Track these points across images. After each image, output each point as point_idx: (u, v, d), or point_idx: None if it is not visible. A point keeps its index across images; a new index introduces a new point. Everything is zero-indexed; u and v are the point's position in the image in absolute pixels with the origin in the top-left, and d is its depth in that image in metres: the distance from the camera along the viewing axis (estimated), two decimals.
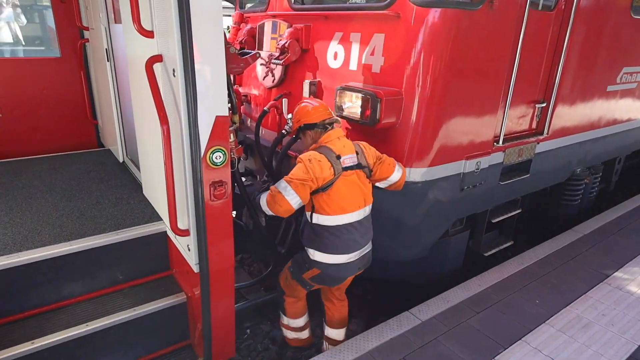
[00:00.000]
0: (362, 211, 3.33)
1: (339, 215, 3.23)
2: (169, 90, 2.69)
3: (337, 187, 3.20)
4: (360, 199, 3.31)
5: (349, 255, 3.31)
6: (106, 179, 4.32)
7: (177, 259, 3.35)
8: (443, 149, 3.65)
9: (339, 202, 3.22)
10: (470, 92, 3.67)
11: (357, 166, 3.31)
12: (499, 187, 4.35)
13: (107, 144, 5.30)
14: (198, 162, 2.54)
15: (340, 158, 3.24)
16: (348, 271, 3.38)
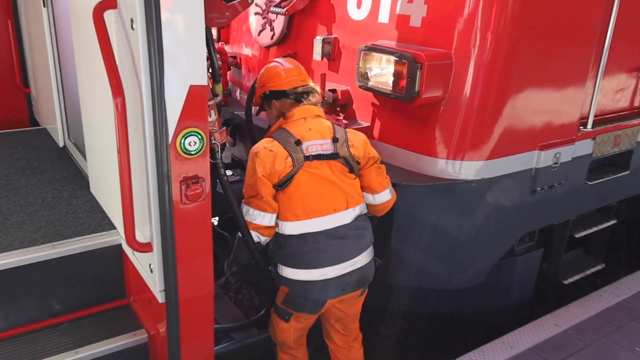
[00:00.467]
0: (340, 215, 3.29)
1: (301, 221, 3.24)
2: (125, 48, 2.66)
3: (298, 184, 3.21)
4: (335, 199, 3.27)
5: (322, 270, 3.28)
6: (40, 170, 4.30)
7: (136, 284, 3.35)
8: (508, 134, 3.63)
9: (301, 204, 3.22)
10: (547, 55, 3.63)
11: (329, 156, 3.26)
12: (586, 189, 4.33)
13: (43, 121, 5.31)
14: (164, 150, 2.52)
15: (302, 144, 3.24)
16: (324, 292, 3.33)
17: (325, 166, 3.27)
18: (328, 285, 3.32)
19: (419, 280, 3.97)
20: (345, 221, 3.32)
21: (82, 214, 3.64)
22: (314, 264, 3.28)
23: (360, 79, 3.74)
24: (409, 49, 3.47)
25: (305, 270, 3.29)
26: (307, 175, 3.24)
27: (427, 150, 3.64)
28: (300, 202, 3.23)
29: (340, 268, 3.32)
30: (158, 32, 2.38)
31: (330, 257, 3.29)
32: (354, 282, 3.39)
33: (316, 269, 3.28)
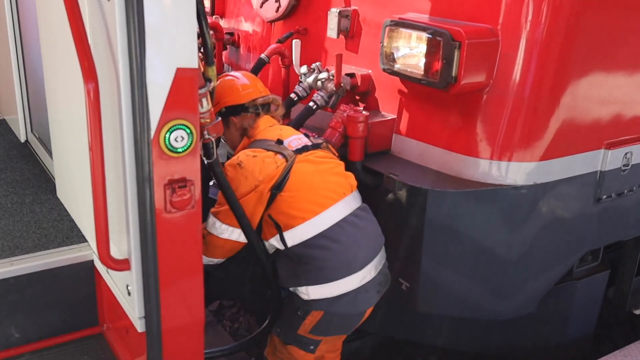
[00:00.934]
0: (350, 198, 3.54)
1: (320, 215, 3.38)
2: (99, 24, 2.67)
3: (298, 175, 3.41)
4: (341, 183, 3.53)
5: (362, 271, 3.45)
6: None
7: (111, 309, 3.36)
8: (566, 130, 3.62)
9: (311, 194, 3.41)
10: (619, 29, 3.61)
11: (313, 146, 3.58)
12: None
13: (2, 111, 5.37)
14: (145, 147, 2.52)
15: (283, 142, 3.52)
16: (367, 299, 3.52)
17: (316, 152, 3.55)
18: (370, 288, 3.51)
19: (456, 309, 3.96)
20: (357, 204, 3.57)
21: (46, 224, 3.66)
22: (353, 267, 3.42)
23: (385, 61, 3.75)
24: (444, 24, 3.46)
25: (345, 279, 3.40)
26: (305, 165, 3.45)
27: (466, 149, 3.64)
28: (310, 193, 3.41)
29: (374, 266, 3.52)
30: (139, 3, 2.36)
31: (364, 252, 3.48)
32: (383, 280, 3.62)
33: (357, 271, 3.43)
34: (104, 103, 2.67)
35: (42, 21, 3.64)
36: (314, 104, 4.12)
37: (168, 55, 2.52)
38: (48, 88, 3.79)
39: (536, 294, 4.01)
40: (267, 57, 4.49)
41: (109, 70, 2.62)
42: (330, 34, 4.20)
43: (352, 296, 3.45)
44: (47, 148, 4.31)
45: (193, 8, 2.54)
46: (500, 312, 4.02)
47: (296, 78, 4.39)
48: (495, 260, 3.79)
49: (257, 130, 3.67)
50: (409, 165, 3.84)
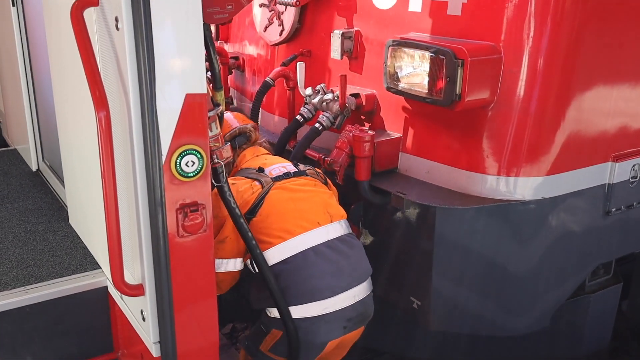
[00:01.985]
0: (329, 228, 3.53)
1: (287, 242, 3.42)
2: (109, 52, 2.70)
3: (272, 203, 3.50)
4: (317, 212, 3.54)
5: (325, 302, 3.42)
6: (10, 198, 4.40)
7: (126, 334, 3.37)
8: (573, 143, 3.62)
9: (281, 221, 3.46)
10: (622, 40, 3.62)
11: (297, 173, 3.68)
12: None
13: (13, 141, 5.43)
14: (157, 173, 2.56)
15: (264, 170, 3.67)
16: (328, 331, 3.47)
17: (297, 180, 3.61)
18: (329, 322, 3.44)
19: (469, 326, 3.94)
20: (335, 235, 3.54)
21: (60, 252, 3.69)
22: (313, 295, 3.39)
23: (389, 80, 3.77)
24: (447, 42, 3.48)
25: (303, 305, 3.38)
26: (281, 192, 3.54)
27: (472, 166, 3.64)
28: (280, 220, 3.46)
29: (341, 299, 3.45)
30: (147, 32, 2.42)
31: (328, 283, 3.42)
32: (355, 317, 3.52)
33: (317, 301, 3.39)
34: (115, 130, 2.69)
35: (52, 50, 3.70)
36: (319, 125, 4.14)
37: (177, 82, 2.57)
38: (59, 117, 3.84)
39: (548, 308, 3.98)
40: (272, 80, 4.52)
41: (120, 98, 2.66)
42: (334, 55, 4.23)
43: (309, 323, 3.42)
44: (58, 176, 4.35)
45: (201, 34, 2.59)
46: (513, 328, 3.99)
47: (301, 100, 4.41)
48: (506, 275, 3.77)
49: (244, 159, 3.86)
50: (416, 183, 3.85)
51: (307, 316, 3.41)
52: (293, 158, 4.19)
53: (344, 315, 3.47)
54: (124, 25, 2.48)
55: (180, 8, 2.52)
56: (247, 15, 5.10)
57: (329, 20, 4.39)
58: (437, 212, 3.56)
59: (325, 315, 3.42)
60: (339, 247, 3.52)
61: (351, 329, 3.53)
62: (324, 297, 3.40)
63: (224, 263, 3.52)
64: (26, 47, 4.55)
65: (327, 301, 3.41)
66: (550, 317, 4.03)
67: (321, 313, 3.41)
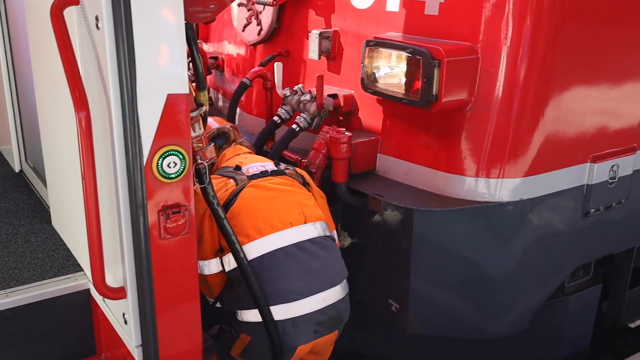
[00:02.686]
0: (302, 229, 3.51)
1: (255, 241, 3.40)
2: (89, 52, 2.70)
3: (244, 200, 3.48)
4: (290, 212, 3.51)
5: (292, 304, 3.40)
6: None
7: (108, 337, 3.36)
8: (551, 144, 3.64)
9: (251, 219, 3.43)
10: (598, 43, 3.65)
11: (274, 172, 3.67)
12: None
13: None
14: (138, 174, 2.55)
15: (242, 168, 3.67)
16: (296, 335, 3.43)
17: (273, 179, 3.60)
18: (297, 326, 3.41)
19: (448, 329, 3.96)
20: (307, 236, 3.51)
21: (42, 254, 3.69)
22: (279, 297, 3.37)
23: (366, 81, 3.78)
24: (424, 42, 3.49)
25: (273, 306, 3.36)
26: (254, 190, 3.52)
27: (451, 167, 3.66)
28: (250, 218, 3.43)
29: (310, 302, 3.43)
30: (128, 31, 2.41)
31: (297, 285, 3.40)
32: (326, 321, 3.49)
33: (283, 303, 3.37)
34: (96, 131, 2.69)
35: (33, 51, 3.68)
36: (297, 126, 4.14)
37: (159, 82, 2.56)
38: (41, 117, 3.82)
39: (528, 310, 4.01)
40: (250, 80, 4.53)
41: (100, 99, 2.65)
42: (312, 55, 4.24)
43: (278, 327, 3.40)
44: (41, 177, 4.33)
45: (183, 34, 2.58)
46: (492, 330, 4.01)
47: (279, 100, 4.42)
48: (485, 278, 3.79)
49: (225, 158, 3.87)
50: (394, 185, 3.85)
51: (276, 319, 3.38)
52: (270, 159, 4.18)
53: (313, 319, 3.44)
54: (105, 24, 2.46)
55: (162, 7, 2.50)
56: (226, 15, 5.11)
57: (307, 20, 4.40)
58: (415, 214, 3.57)
59: (293, 319, 3.39)
60: (311, 249, 3.49)
61: (323, 333, 3.50)
62: (291, 300, 3.37)
63: (207, 264, 3.50)
64: (9, 48, 4.52)
65: (295, 304, 3.39)
66: (530, 318, 4.05)
67: (289, 317, 3.39)
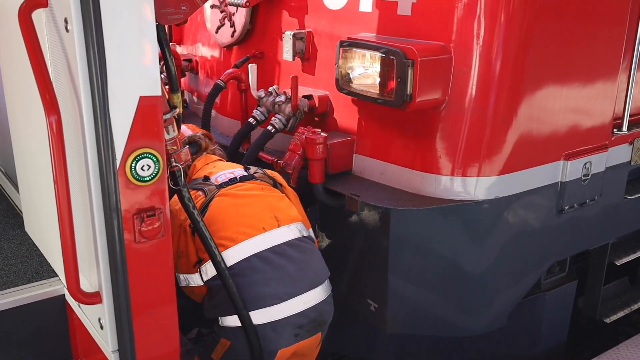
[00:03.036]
0: (275, 233, 3.50)
1: (229, 250, 3.40)
2: (59, 55, 2.68)
3: (214, 211, 3.49)
4: (262, 217, 3.50)
5: (271, 309, 3.40)
6: None
7: (84, 343, 3.34)
8: (525, 142, 3.68)
9: (223, 229, 3.44)
10: (569, 42, 3.68)
11: (244, 177, 3.65)
12: (626, 205, 4.39)
13: None
14: (111, 177, 2.55)
15: (210, 178, 3.65)
16: (276, 339, 3.42)
17: (243, 185, 3.59)
18: (277, 329, 3.40)
19: (426, 328, 3.99)
20: (280, 240, 3.50)
21: (15, 260, 3.68)
22: (257, 302, 3.35)
23: (341, 82, 3.79)
24: (397, 42, 3.51)
25: (250, 313, 3.35)
26: (223, 199, 3.51)
27: (426, 166, 3.68)
28: (222, 228, 3.42)
29: (289, 306, 3.42)
30: (98, 33, 2.40)
31: (274, 290, 3.39)
32: (307, 324, 3.48)
33: (261, 308, 3.36)
34: (67, 135, 2.68)
35: (3, 55, 3.64)
36: (272, 128, 4.13)
37: (130, 84, 2.56)
38: (11, 122, 3.79)
39: (505, 308, 4.05)
40: (224, 82, 4.52)
41: (72, 102, 2.64)
42: (286, 56, 4.24)
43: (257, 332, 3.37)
44: (13, 182, 4.30)
45: (154, 35, 2.58)
46: (470, 328, 4.05)
47: (254, 102, 4.41)
48: (462, 276, 3.82)
49: (195, 170, 3.83)
50: (370, 185, 3.86)
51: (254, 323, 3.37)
52: (245, 161, 4.17)
53: (294, 322, 3.43)
54: (74, 26, 2.45)
55: (132, 9, 2.50)
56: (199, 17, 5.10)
57: (281, 22, 4.40)
58: (392, 214, 3.59)
59: (271, 323, 3.38)
60: (287, 252, 3.48)
61: (304, 336, 3.47)
62: (269, 305, 3.36)
63: (189, 278, 3.52)
64: None
65: (273, 308, 3.37)
66: (507, 316, 4.09)
67: (267, 321, 3.37)
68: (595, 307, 4.78)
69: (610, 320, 4.75)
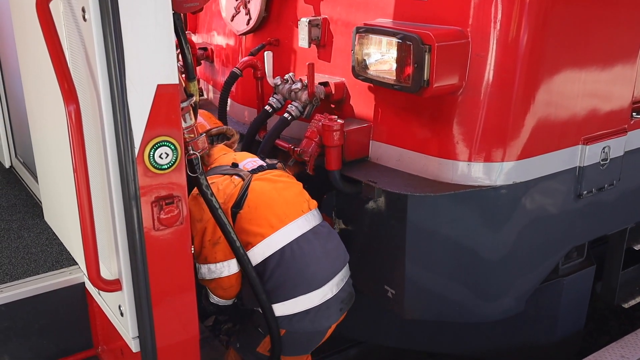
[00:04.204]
0: (310, 216, 3.63)
1: (279, 231, 3.48)
2: (77, 44, 2.70)
3: (256, 193, 3.53)
4: (299, 201, 3.64)
5: (323, 288, 3.51)
6: None
7: (104, 330, 3.39)
8: (543, 127, 3.65)
9: (269, 211, 3.51)
10: (587, 25, 3.66)
11: (269, 166, 3.77)
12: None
13: None
14: (130, 166, 2.56)
15: (238, 165, 3.73)
16: (328, 317, 3.57)
17: (273, 172, 3.71)
18: (330, 307, 3.55)
19: (443, 314, 3.99)
20: (316, 222, 3.64)
21: (35, 249, 3.73)
22: (313, 284, 3.46)
23: (357, 68, 3.77)
24: (414, 28, 3.48)
25: (305, 296, 3.46)
26: (261, 183, 3.59)
27: (443, 152, 3.66)
28: (269, 210, 3.50)
29: (335, 283, 3.57)
30: (115, 22, 2.42)
31: (324, 269, 3.53)
32: (346, 298, 3.67)
33: (317, 289, 3.48)
34: (86, 124, 2.70)
35: (20, 44, 3.68)
36: (288, 115, 4.13)
37: (148, 73, 2.58)
38: (30, 112, 3.83)
39: (523, 293, 4.03)
40: (240, 70, 4.51)
41: (90, 91, 2.66)
42: (302, 43, 4.23)
43: (312, 313, 3.50)
44: (32, 172, 4.36)
45: (171, 24, 2.60)
46: (487, 314, 4.04)
47: (270, 90, 4.41)
48: (480, 261, 3.81)
49: (212, 158, 3.87)
50: (387, 172, 3.85)
51: (312, 306, 3.49)
52: (262, 149, 4.19)
53: (340, 298, 3.60)
54: (91, 15, 2.47)
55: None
56: (214, 5, 5.08)
57: (296, 9, 4.37)
58: (409, 200, 3.58)
59: (326, 302, 3.52)
60: (322, 232, 3.63)
61: (344, 310, 3.66)
62: (324, 284, 3.50)
63: (226, 266, 3.50)
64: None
65: (326, 287, 3.51)
66: (525, 301, 4.08)
67: (323, 300, 3.50)
68: (613, 292, 4.75)
69: (628, 305, 4.73)
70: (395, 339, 4.55)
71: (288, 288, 3.44)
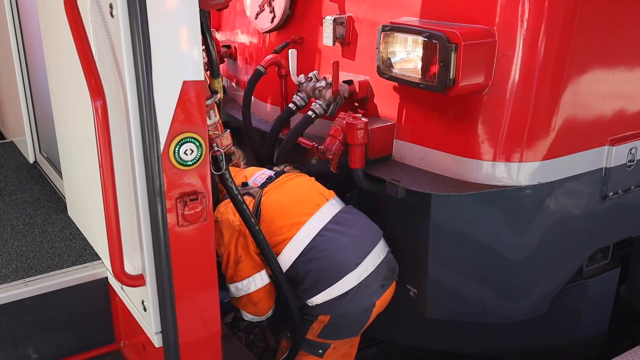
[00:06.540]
0: (328, 206, 3.72)
1: (300, 231, 3.60)
2: (104, 40, 2.70)
3: (270, 205, 3.66)
4: (313, 197, 3.73)
5: (358, 269, 3.58)
6: (7, 191, 4.44)
7: (127, 325, 3.40)
8: (569, 127, 3.60)
9: (285, 217, 3.63)
10: (615, 25, 3.60)
11: (278, 173, 3.87)
12: None
13: (10, 133, 5.47)
14: (155, 162, 2.55)
15: (248, 183, 3.82)
16: (369, 295, 3.65)
17: (280, 179, 3.80)
18: (369, 286, 3.62)
19: (466, 314, 3.97)
20: (336, 210, 3.72)
21: (59, 243, 3.75)
22: (346, 268, 3.54)
23: (382, 67, 3.74)
24: (440, 26, 3.45)
25: (341, 280, 3.54)
26: (273, 194, 3.71)
27: (468, 152, 3.62)
28: (283, 217, 3.61)
29: (370, 262, 3.62)
30: (143, 18, 2.42)
31: (354, 252, 3.60)
32: (387, 273, 3.72)
33: (351, 271, 3.55)
34: (112, 119, 2.71)
35: (46, 40, 3.69)
36: (312, 113, 4.10)
37: (174, 69, 2.58)
38: (55, 108, 3.85)
39: (546, 294, 3.99)
40: (264, 67, 4.49)
41: (116, 87, 2.67)
42: (326, 41, 4.21)
43: (351, 295, 3.57)
44: (56, 168, 4.40)
45: (197, 21, 2.60)
46: (510, 314, 4.00)
47: (294, 88, 4.38)
48: (503, 262, 3.77)
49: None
50: (411, 170, 3.81)
51: (348, 289, 3.56)
52: (284, 146, 4.21)
53: (380, 275, 3.66)
54: (119, 12, 2.47)
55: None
56: (238, 3, 5.07)
57: (321, 7, 4.35)
58: (433, 199, 3.55)
59: (365, 280, 3.58)
60: (344, 218, 3.70)
61: (387, 285, 3.72)
62: (356, 265, 3.56)
63: (252, 281, 3.61)
64: (20, 38, 4.54)
65: (360, 267, 3.57)
66: (548, 302, 4.04)
67: (360, 281, 3.57)
68: (637, 295, 4.71)
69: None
70: (414, 339, 4.52)
71: (322, 281, 3.53)
